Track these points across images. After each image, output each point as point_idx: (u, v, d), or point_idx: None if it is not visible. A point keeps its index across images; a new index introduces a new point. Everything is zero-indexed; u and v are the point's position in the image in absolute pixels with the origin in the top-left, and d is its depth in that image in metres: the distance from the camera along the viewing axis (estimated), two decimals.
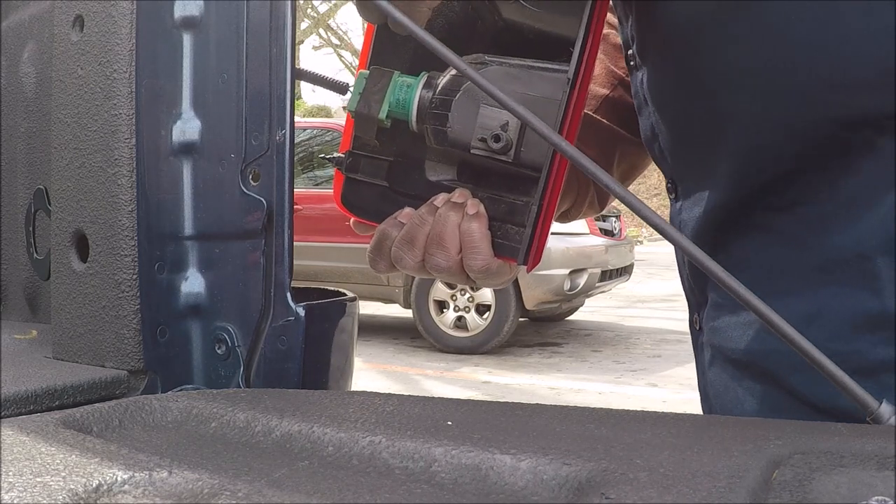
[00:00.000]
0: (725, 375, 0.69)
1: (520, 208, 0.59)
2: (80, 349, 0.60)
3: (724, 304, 0.68)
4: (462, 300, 6.02)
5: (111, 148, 0.57)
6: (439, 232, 0.59)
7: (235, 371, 0.58)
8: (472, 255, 0.59)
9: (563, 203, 0.82)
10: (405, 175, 0.63)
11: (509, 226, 0.59)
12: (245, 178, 0.57)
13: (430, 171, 0.63)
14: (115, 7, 0.57)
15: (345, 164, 0.65)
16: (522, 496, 0.34)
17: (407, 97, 0.59)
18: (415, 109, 0.59)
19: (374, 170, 0.64)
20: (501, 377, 5.29)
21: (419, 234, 0.60)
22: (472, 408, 0.46)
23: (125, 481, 0.34)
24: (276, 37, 0.56)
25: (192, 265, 0.60)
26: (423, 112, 0.59)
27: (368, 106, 0.60)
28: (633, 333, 6.86)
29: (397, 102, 0.59)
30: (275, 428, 0.43)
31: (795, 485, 0.32)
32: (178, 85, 0.59)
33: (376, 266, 0.64)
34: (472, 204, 0.59)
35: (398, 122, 0.60)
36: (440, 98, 0.59)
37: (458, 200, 0.59)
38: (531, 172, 0.57)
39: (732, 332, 0.67)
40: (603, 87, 0.85)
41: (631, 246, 6.97)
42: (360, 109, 0.60)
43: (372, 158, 0.64)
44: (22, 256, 0.77)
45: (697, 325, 0.75)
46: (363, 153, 0.64)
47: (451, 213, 0.59)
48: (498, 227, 0.59)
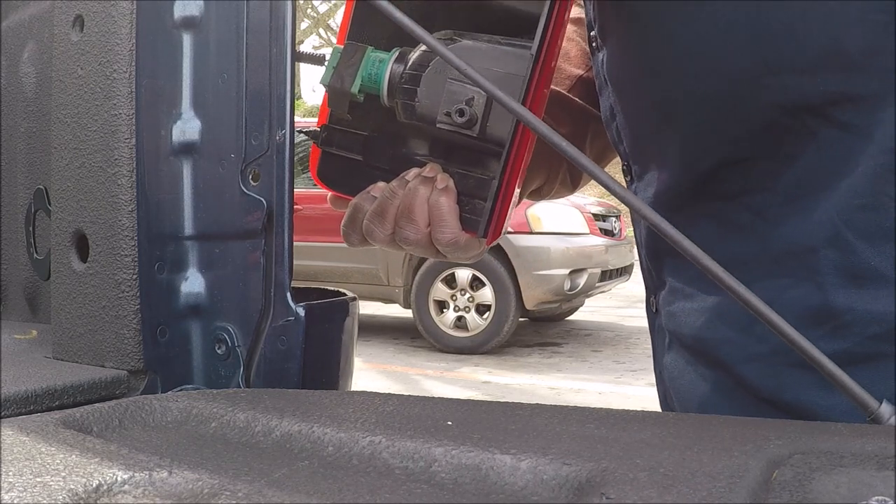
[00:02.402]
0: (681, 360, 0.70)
1: (486, 183, 0.60)
2: (80, 349, 0.60)
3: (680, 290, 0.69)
4: (462, 300, 6.02)
5: (111, 148, 0.57)
6: (408, 205, 0.60)
7: (235, 371, 0.58)
8: (440, 229, 0.60)
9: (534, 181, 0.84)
10: (379, 149, 0.64)
11: (477, 200, 0.60)
12: (245, 178, 0.57)
13: (402, 145, 0.64)
14: (115, 7, 0.57)
15: (320, 138, 0.66)
16: (522, 496, 0.34)
17: (379, 72, 0.60)
18: (386, 84, 0.60)
19: (349, 144, 0.65)
20: (501, 377, 5.29)
21: (390, 208, 0.61)
22: (472, 408, 0.46)
23: (125, 481, 0.34)
24: (276, 37, 0.56)
25: (192, 265, 0.60)
26: (393, 87, 0.60)
27: (341, 80, 0.61)
28: (633, 333, 6.86)
29: (369, 77, 0.60)
30: (275, 428, 0.43)
31: (795, 485, 0.32)
32: (178, 85, 0.59)
33: (349, 239, 0.65)
34: (442, 178, 0.60)
35: (372, 98, 0.61)
36: (410, 73, 0.59)
37: (429, 175, 0.60)
38: (497, 148, 0.58)
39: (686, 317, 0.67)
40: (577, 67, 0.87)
41: (631, 246, 6.96)
42: (334, 84, 0.61)
43: (347, 133, 0.65)
44: (22, 256, 0.77)
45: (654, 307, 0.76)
46: (339, 127, 0.65)
47: (420, 186, 0.60)
48: (466, 201, 0.60)
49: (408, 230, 0.61)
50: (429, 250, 0.62)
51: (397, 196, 0.61)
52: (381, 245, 0.63)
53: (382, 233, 0.62)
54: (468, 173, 0.61)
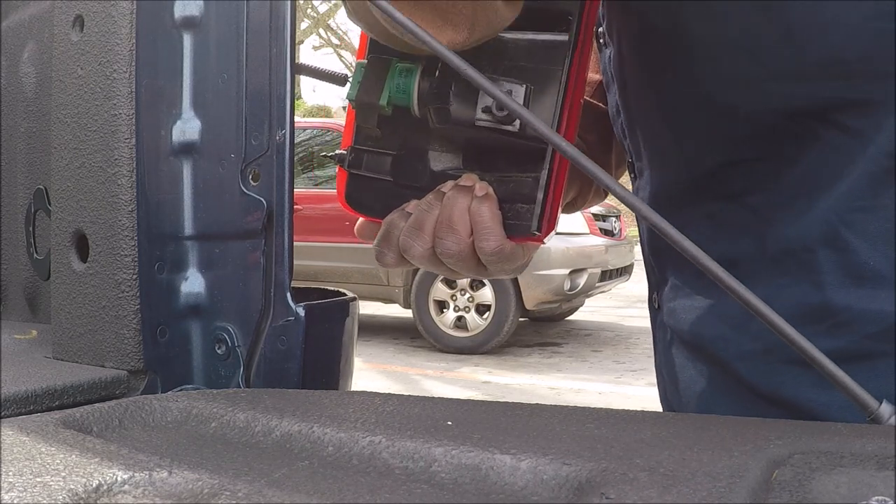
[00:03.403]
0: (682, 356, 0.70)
1: (528, 184, 0.57)
2: (80, 349, 0.60)
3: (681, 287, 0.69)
4: (462, 300, 6.02)
5: (111, 148, 0.57)
6: (448, 215, 0.57)
7: (235, 371, 0.58)
8: (484, 237, 0.57)
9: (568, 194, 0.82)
10: (409, 167, 0.62)
11: (519, 205, 0.58)
12: (245, 178, 0.57)
13: (435, 161, 0.61)
14: (115, 7, 0.57)
15: (347, 160, 0.63)
16: (522, 496, 0.34)
17: (407, 81, 0.58)
18: (415, 92, 0.58)
19: (377, 164, 0.63)
20: (501, 377, 5.29)
21: (428, 220, 0.58)
22: (472, 408, 0.46)
23: (125, 481, 0.34)
24: (276, 37, 0.56)
25: (192, 265, 0.60)
26: (423, 94, 0.58)
27: (369, 94, 0.59)
28: (633, 333, 6.86)
29: (397, 88, 0.58)
30: (275, 428, 0.43)
31: (795, 485, 0.32)
32: (178, 85, 0.59)
33: (383, 259, 0.62)
34: (481, 186, 0.57)
35: (399, 113, 0.59)
36: (440, 79, 0.57)
37: (466, 184, 0.58)
38: (537, 144, 0.56)
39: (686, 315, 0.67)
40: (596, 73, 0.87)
41: (631, 246, 6.97)
42: (361, 98, 0.59)
43: (375, 153, 0.63)
44: (22, 256, 0.77)
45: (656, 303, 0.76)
46: (365, 148, 0.63)
47: (459, 196, 0.57)
48: (508, 207, 0.58)
49: (449, 241, 0.57)
50: (470, 263, 0.59)
51: (435, 208, 0.58)
52: (420, 262, 0.60)
53: (421, 247, 0.58)
54: (507, 178, 0.58)
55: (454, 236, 0.57)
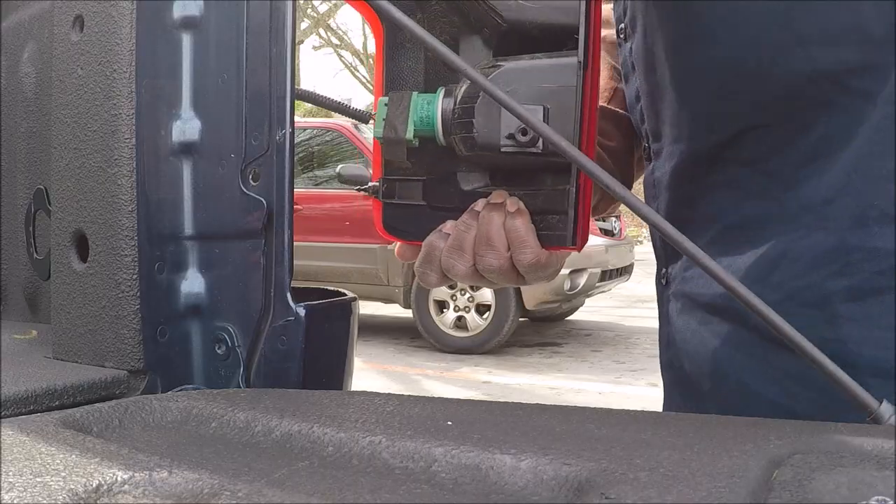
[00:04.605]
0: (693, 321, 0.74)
1: (556, 197, 0.60)
2: (80, 349, 0.60)
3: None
4: (462, 300, 6.02)
5: (111, 148, 0.57)
6: (486, 233, 0.60)
7: (235, 371, 0.58)
8: (521, 250, 0.60)
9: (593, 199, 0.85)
10: (440, 190, 0.65)
11: (550, 216, 0.60)
12: (245, 178, 0.57)
13: (464, 181, 0.64)
14: (115, 7, 0.57)
15: (380, 192, 0.67)
16: (522, 496, 0.34)
17: (430, 113, 0.60)
18: (439, 123, 0.60)
19: (408, 191, 0.66)
20: (501, 377, 5.29)
21: (467, 239, 0.61)
22: (472, 408, 0.46)
23: (125, 481, 0.34)
24: (276, 37, 0.56)
25: (192, 265, 0.60)
26: (447, 124, 0.60)
27: (395, 129, 0.62)
28: (633, 333, 6.86)
29: (421, 120, 0.61)
30: (275, 428, 0.43)
31: (795, 485, 0.32)
32: (178, 85, 0.59)
33: (427, 279, 0.65)
34: (512, 202, 0.60)
35: (424, 141, 0.62)
36: (462, 107, 0.60)
37: (497, 201, 0.61)
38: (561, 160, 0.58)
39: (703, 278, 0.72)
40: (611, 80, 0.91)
41: (631, 246, 6.97)
42: (388, 134, 0.62)
43: (405, 181, 0.66)
44: (22, 256, 0.77)
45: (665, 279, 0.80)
46: (395, 177, 0.66)
47: (493, 213, 0.60)
48: (540, 220, 0.60)
49: (489, 257, 0.61)
50: (511, 275, 0.62)
51: (472, 227, 0.61)
52: (463, 279, 0.63)
53: (464, 265, 0.62)
54: (535, 192, 0.61)
55: (494, 252, 0.60)
